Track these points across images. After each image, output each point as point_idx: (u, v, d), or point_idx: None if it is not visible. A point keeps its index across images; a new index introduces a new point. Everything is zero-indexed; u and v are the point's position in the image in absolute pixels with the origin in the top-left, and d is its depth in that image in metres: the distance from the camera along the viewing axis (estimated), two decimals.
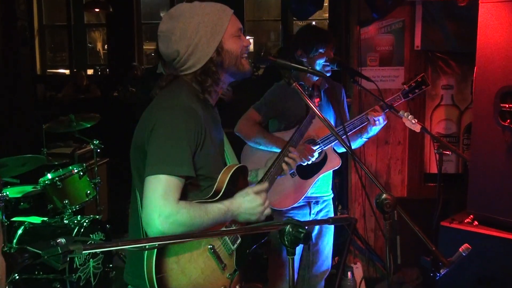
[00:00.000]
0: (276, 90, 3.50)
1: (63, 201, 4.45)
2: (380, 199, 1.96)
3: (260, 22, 10.84)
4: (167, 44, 2.08)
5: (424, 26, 4.45)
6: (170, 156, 1.91)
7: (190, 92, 2.07)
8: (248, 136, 3.39)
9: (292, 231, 1.60)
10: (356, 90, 4.47)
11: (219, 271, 2.09)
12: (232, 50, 2.10)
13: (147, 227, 1.87)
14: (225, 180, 2.11)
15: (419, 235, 2.05)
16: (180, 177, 1.92)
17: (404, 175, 4.61)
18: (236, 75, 2.16)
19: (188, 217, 1.90)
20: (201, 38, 2.04)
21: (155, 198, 1.87)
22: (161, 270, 1.91)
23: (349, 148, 2.14)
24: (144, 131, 2.00)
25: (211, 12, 2.08)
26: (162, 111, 2.00)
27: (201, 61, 2.07)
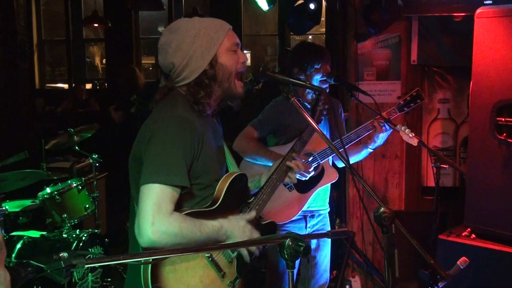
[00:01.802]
0: (274, 106, 3.53)
1: (62, 215, 4.45)
2: (379, 212, 1.97)
3: (258, 36, 10.90)
4: (164, 55, 2.12)
5: (420, 41, 4.48)
6: (164, 166, 1.92)
7: (185, 104, 2.09)
8: (245, 153, 3.42)
9: (291, 244, 1.61)
10: (353, 104, 4.50)
11: (218, 279, 2.09)
12: (227, 64, 2.12)
13: (138, 236, 1.89)
14: (223, 188, 2.13)
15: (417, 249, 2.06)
16: (174, 187, 1.93)
17: (401, 188, 4.62)
18: (227, 91, 2.18)
19: (180, 230, 1.91)
20: (196, 51, 2.07)
21: (148, 207, 1.88)
22: (157, 280, 1.91)
23: (347, 162, 2.16)
24: (142, 142, 2.02)
25: (208, 26, 2.12)
26: (158, 122, 2.02)
27: (194, 73, 2.09)
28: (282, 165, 2.56)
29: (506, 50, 3.31)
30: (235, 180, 2.18)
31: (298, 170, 2.64)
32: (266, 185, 2.43)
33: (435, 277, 2.08)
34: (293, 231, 3.36)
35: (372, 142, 3.39)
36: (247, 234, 2.10)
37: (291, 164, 2.61)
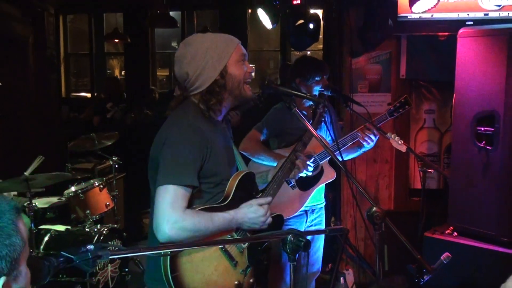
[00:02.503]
0: (275, 113, 3.55)
1: (85, 211, 4.46)
2: (371, 211, 1.99)
3: (262, 52, 10.91)
4: (179, 66, 2.14)
5: (408, 58, 4.49)
6: (177, 168, 1.95)
7: (197, 112, 2.11)
8: (252, 154, 3.42)
9: (293, 240, 1.62)
10: (347, 114, 4.51)
11: (231, 268, 2.10)
12: (235, 74, 2.14)
13: (156, 232, 1.91)
14: (233, 185, 2.14)
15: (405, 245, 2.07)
16: (186, 187, 1.96)
17: (391, 190, 4.62)
18: (238, 98, 2.19)
19: (193, 224, 1.93)
20: (208, 62, 2.09)
21: (164, 206, 1.91)
22: (175, 269, 1.93)
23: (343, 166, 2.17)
24: (157, 146, 2.05)
25: (219, 40, 2.14)
26: (172, 129, 2.05)
27: (207, 82, 2.11)
28: (286, 163, 2.56)
29: (485, 66, 3.32)
30: (244, 177, 2.19)
31: (303, 167, 2.63)
32: (272, 182, 2.43)
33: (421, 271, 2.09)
34: (296, 225, 3.42)
35: (363, 147, 3.42)
36: (261, 219, 2.11)
37: (298, 162, 2.61)
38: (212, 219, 1.99)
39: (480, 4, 4.01)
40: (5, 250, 1.06)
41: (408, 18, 4.14)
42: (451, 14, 4.11)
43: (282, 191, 3.34)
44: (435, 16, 4.12)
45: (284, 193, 3.35)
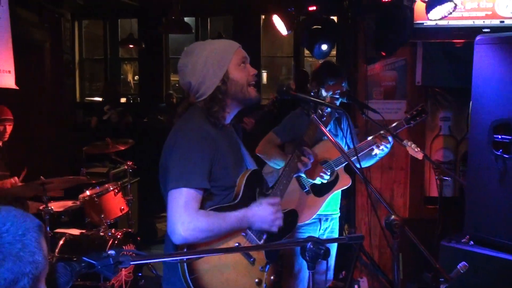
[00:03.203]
0: (293, 118, 3.54)
1: (99, 215, 4.47)
2: (389, 220, 1.97)
3: (275, 58, 10.92)
4: (183, 76, 2.17)
5: (424, 64, 4.46)
6: (187, 171, 1.96)
7: (203, 117, 2.12)
8: (268, 157, 3.40)
9: (313, 247, 1.61)
10: (362, 121, 4.48)
11: (250, 265, 2.09)
12: (238, 78, 2.14)
13: (171, 235, 1.92)
14: (242, 184, 2.15)
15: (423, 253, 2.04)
16: (198, 190, 1.97)
17: (406, 198, 4.58)
18: (242, 101, 2.19)
19: (207, 224, 1.94)
20: (209, 70, 2.10)
21: (177, 208, 1.92)
22: (193, 271, 1.93)
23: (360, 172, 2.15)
24: (166, 153, 2.07)
25: (218, 47, 2.16)
26: (180, 134, 2.06)
27: (209, 90, 2.12)
28: (293, 158, 2.52)
29: (502, 73, 3.28)
30: (251, 175, 2.19)
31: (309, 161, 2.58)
32: (281, 178, 2.42)
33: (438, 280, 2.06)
34: (309, 233, 3.40)
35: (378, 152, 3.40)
36: (270, 218, 2.10)
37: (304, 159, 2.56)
38: (224, 219, 2.00)
39: (496, 11, 3.98)
40: (29, 267, 1.05)
41: (424, 25, 4.12)
42: (467, 21, 4.08)
43: (296, 197, 3.36)
44: (451, 23, 4.10)
45: (298, 198, 3.35)
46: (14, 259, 1.04)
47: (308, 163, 2.52)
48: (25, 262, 1.06)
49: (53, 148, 4.92)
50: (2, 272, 1.03)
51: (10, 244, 1.04)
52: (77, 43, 10.24)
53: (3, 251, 1.04)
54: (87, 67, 11.12)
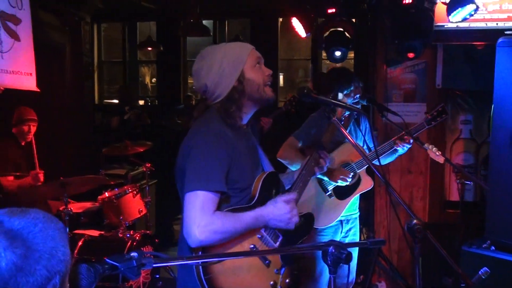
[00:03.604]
0: (312, 121, 3.52)
1: (118, 217, 4.48)
2: (411, 224, 1.94)
3: (292, 60, 10.90)
4: (197, 79, 2.16)
5: (444, 67, 4.42)
6: (205, 174, 1.96)
7: (219, 119, 2.11)
8: (290, 162, 3.38)
9: (334, 251, 1.59)
10: (381, 123, 4.45)
11: (265, 267, 2.08)
12: (254, 78, 2.14)
13: (187, 237, 1.91)
14: (258, 186, 2.14)
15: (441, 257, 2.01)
16: (215, 192, 1.96)
17: (425, 202, 4.53)
18: (259, 101, 2.18)
19: (222, 225, 1.93)
20: (224, 70, 2.10)
21: (193, 211, 1.91)
22: (208, 272, 1.92)
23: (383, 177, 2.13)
24: (183, 155, 2.06)
25: (232, 48, 2.16)
26: (197, 137, 2.05)
27: (225, 90, 2.11)
28: (310, 161, 2.50)
29: None
30: (268, 177, 2.18)
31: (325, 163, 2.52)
32: (297, 180, 2.38)
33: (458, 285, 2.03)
34: (331, 235, 3.38)
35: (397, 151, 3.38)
36: (286, 215, 2.07)
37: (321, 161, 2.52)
38: (239, 219, 1.99)
39: None
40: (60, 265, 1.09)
41: (445, 27, 4.07)
42: (489, 23, 4.03)
43: (318, 200, 3.34)
44: (472, 25, 4.04)
45: (320, 202, 3.33)
46: (48, 257, 1.07)
47: (324, 166, 2.50)
48: (57, 260, 1.08)
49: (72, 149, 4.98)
50: (39, 269, 1.05)
51: (43, 244, 1.08)
52: (96, 45, 10.33)
53: (38, 249, 1.07)
54: (105, 70, 11.21)
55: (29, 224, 1.09)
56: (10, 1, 3.76)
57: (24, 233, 1.07)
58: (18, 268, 1.03)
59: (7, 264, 1.02)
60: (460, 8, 3.74)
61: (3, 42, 3.65)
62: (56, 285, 1.07)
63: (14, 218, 1.09)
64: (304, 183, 2.36)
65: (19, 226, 1.07)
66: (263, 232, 2.10)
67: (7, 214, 1.10)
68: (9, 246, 1.03)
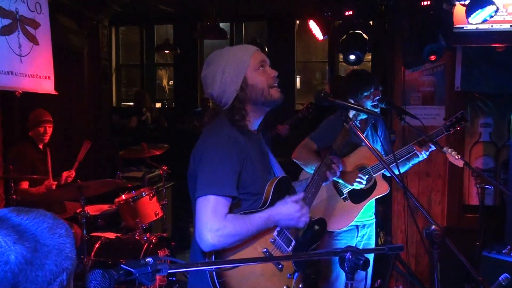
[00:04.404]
0: (329, 124, 3.49)
1: (135, 220, 4.49)
2: (430, 230, 1.91)
3: (309, 63, 10.86)
4: (205, 87, 2.18)
5: (463, 69, 4.36)
6: (216, 179, 1.96)
7: (230, 124, 2.11)
8: (305, 163, 3.36)
9: (352, 258, 1.56)
10: (400, 127, 4.40)
11: (278, 271, 2.07)
12: (257, 83, 2.12)
13: (200, 242, 1.91)
14: (270, 190, 2.13)
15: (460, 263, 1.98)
16: (226, 197, 1.97)
17: (444, 206, 4.47)
18: (265, 104, 2.16)
19: (234, 228, 1.93)
20: (226, 79, 2.10)
21: (205, 215, 1.92)
22: (221, 275, 1.93)
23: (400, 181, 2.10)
24: (195, 160, 2.06)
25: (235, 53, 2.14)
26: (208, 141, 2.05)
27: (230, 99, 2.11)
28: (322, 166, 2.48)
29: None
30: (280, 181, 2.17)
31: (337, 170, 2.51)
32: (310, 186, 2.37)
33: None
34: (347, 240, 3.35)
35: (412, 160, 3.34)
36: (295, 214, 2.07)
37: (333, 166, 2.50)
38: (250, 221, 1.98)
39: None
40: (68, 262, 1.09)
41: (464, 29, 4.02)
42: (509, 25, 3.96)
43: (333, 203, 3.31)
44: (492, 27, 3.98)
45: (335, 205, 3.30)
46: (57, 252, 1.08)
47: (336, 172, 2.47)
48: (65, 257, 1.09)
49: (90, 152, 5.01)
50: (49, 264, 1.06)
51: (52, 239, 1.08)
52: (114, 48, 10.41)
53: (47, 244, 1.07)
54: (123, 73, 11.29)
55: (38, 221, 1.09)
56: (29, 5, 3.80)
57: (32, 228, 1.07)
58: (27, 262, 1.03)
59: (17, 257, 1.02)
60: (480, 9, 3.68)
61: (22, 46, 3.69)
62: (63, 282, 1.07)
63: (22, 214, 1.10)
64: (316, 188, 2.35)
65: (27, 222, 1.08)
66: (276, 236, 2.10)
67: (15, 212, 1.10)
68: (18, 239, 1.04)
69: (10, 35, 3.56)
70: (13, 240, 1.03)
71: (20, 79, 3.65)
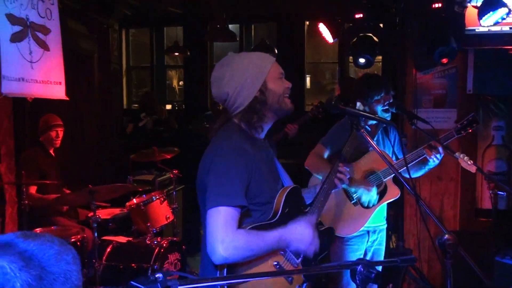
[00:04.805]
0: (339, 128, 3.46)
1: (146, 223, 4.50)
2: (443, 239, 1.89)
3: (319, 64, 10.82)
4: (218, 87, 2.14)
5: (475, 72, 4.32)
6: (225, 190, 1.96)
7: (239, 132, 2.11)
8: (316, 170, 3.33)
9: (363, 270, 1.55)
10: (411, 130, 4.36)
11: (287, 284, 2.07)
12: (275, 89, 2.13)
13: (211, 254, 1.92)
14: (281, 201, 2.13)
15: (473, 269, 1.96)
16: (236, 207, 1.96)
17: (456, 210, 4.43)
18: (278, 111, 2.17)
19: (246, 243, 1.94)
20: (247, 79, 2.09)
21: (216, 228, 1.92)
22: (233, 285, 1.93)
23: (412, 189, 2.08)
24: (204, 170, 2.07)
25: (255, 58, 2.16)
26: (217, 151, 2.05)
27: (247, 100, 2.10)
28: (331, 174, 2.46)
29: None
30: (290, 192, 2.17)
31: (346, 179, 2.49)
32: (319, 194, 2.37)
33: None
34: (357, 245, 3.33)
35: (427, 164, 3.29)
36: (307, 240, 2.07)
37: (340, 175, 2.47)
38: (263, 238, 1.99)
39: None
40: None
41: (476, 31, 3.98)
42: None
43: (343, 208, 3.28)
44: (504, 29, 3.94)
45: (345, 210, 3.28)
46: (63, 280, 1.07)
47: (345, 180, 2.46)
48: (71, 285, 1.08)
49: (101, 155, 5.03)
50: None
51: (58, 266, 1.08)
52: (124, 51, 10.44)
53: (53, 272, 1.06)
54: (134, 75, 11.32)
55: (44, 247, 1.09)
56: (40, 11, 3.81)
57: (39, 255, 1.06)
58: None
59: (22, 285, 1.01)
60: (492, 11, 3.65)
61: (33, 52, 3.70)
62: None
63: (28, 240, 1.09)
64: (325, 197, 2.34)
65: (34, 248, 1.07)
66: (286, 248, 2.09)
67: (22, 237, 1.09)
68: (24, 266, 1.03)
69: (21, 41, 3.58)
70: (19, 267, 1.03)
71: (31, 85, 3.66)
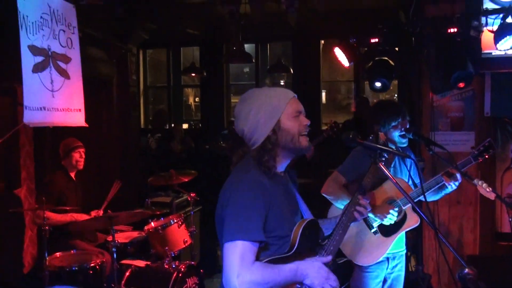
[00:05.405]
0: (356, 156, 3.45)
1: (164, 247, 4.51)
2: (463, 273, 1.88)
3: (335, 82, 10.84)
4: (237, 122, 2.19)
5: (493, 94, 4.30)
6: (243, 224, 1.98)
7: (256, 166, 2.12)
8: (335, 198, 3.33)
9: None
10: (428, 155, 4.33)
11: None
12: (289, 128, 2.13)
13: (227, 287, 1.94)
14: (297, 234, 2.13)
15: None
16: (253, 242, 1.98)
17: (476, 234, 4.38)
18: (293, 150, 2.18)
19: (262, 277, 1.95)
20: (261, 119, 2.11)
21: (233, 261, 1.94)
22: None
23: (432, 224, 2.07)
24: (222, 204, 2.09)
25: (273, 95, 2.16)
26: (234, 186, 2.08)
27: (260, 139, 2.13)
28: (350, 207, 2.45)
29: None
30: (307, 225, 2.17)
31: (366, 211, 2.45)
32: (337, 227, 2.34)
33: None
34: (377, 272, 3.31)
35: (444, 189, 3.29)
36: (323, 275, 2.07)
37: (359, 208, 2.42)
38: (279, 271, 1.99)
39: None
40: None
41: (492, 55, 3.98)
42: None
43: (364, 238, 3.27)
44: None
45: (365, 239, 3.27)
46: None
47: (364, 213, 2.45)
48: None
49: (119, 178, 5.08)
50: None
51: None
52: (141, 71, 10.57)
53: None
54: (151, 94, 11.45)
55: None
56: (61, 41, 3.90)
57: None
58: None
59: None
60: (508, 36, 3.65)
61: (54, 81, 3.78)
62: None
63: None
64: (344, 229, 2.32)
65: None
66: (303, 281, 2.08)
67: None
68: None
69: (43, 71, 3.66)
70: None
71: (52, 113, 3.74)
